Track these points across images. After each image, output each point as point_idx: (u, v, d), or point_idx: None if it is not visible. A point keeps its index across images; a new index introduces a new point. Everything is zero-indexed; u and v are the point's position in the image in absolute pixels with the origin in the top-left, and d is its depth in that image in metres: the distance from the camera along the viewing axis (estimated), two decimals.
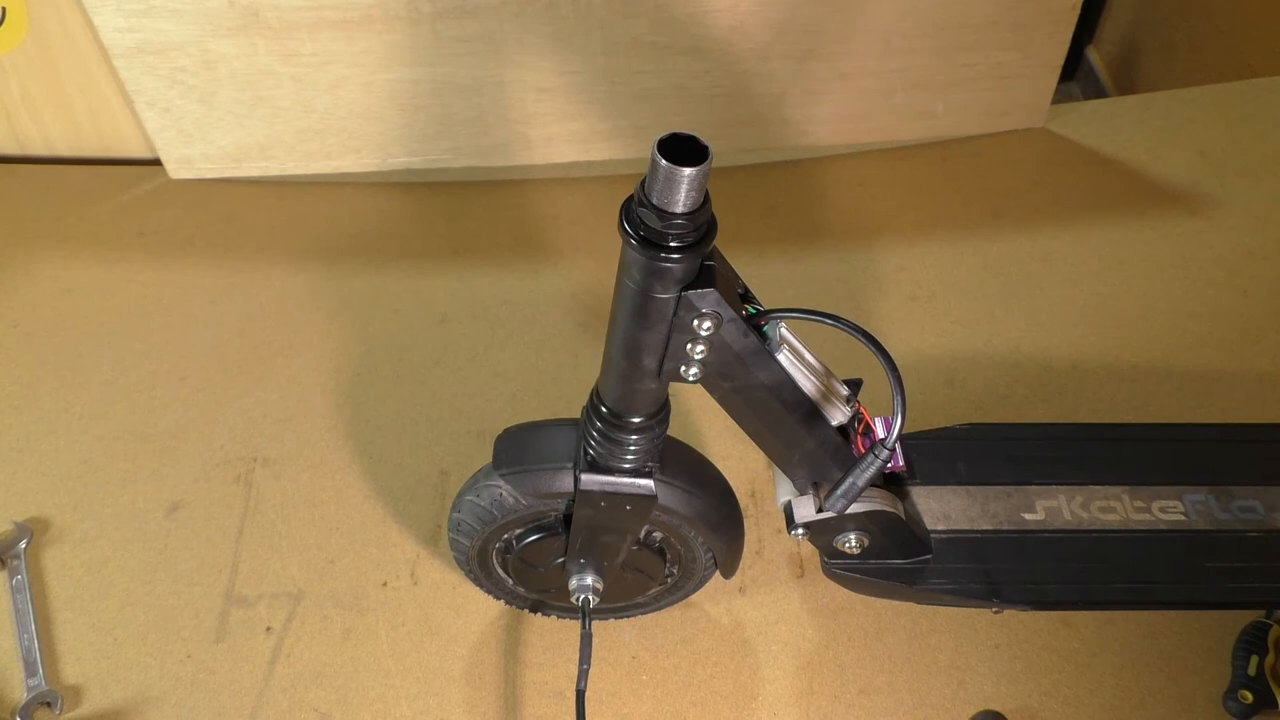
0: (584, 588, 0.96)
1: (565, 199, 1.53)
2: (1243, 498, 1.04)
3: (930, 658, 1.06)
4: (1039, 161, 1.57)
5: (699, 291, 0.71)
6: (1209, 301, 1.38)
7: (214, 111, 1.45)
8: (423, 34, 1.37)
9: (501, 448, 0.90)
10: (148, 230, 1.48)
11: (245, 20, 1.34)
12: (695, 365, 0.77)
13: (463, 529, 0.95)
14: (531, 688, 1.05)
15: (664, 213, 0.66)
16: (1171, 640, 1.07)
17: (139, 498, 1.19)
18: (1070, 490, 1.05)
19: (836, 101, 1.52)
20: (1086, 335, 1.34)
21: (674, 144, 0.65)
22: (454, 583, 1.12)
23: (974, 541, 1.01)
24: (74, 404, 1.28)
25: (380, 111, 1.46)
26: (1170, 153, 1.57)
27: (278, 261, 1.44)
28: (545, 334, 1.36)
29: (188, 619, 1.10)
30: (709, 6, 1.38)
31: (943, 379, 1.30)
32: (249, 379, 1.31)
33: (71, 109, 1.51)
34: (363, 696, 1.04)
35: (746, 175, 1.55)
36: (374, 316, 1.38)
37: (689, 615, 1.10)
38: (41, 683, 1.04)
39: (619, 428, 0.81)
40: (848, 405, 0.87)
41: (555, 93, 1.46)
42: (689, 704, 1.04)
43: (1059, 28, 1.47)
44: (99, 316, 1.37)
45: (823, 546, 0.99)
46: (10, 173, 1.55)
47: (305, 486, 1.20)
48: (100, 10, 1.34)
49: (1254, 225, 1.47)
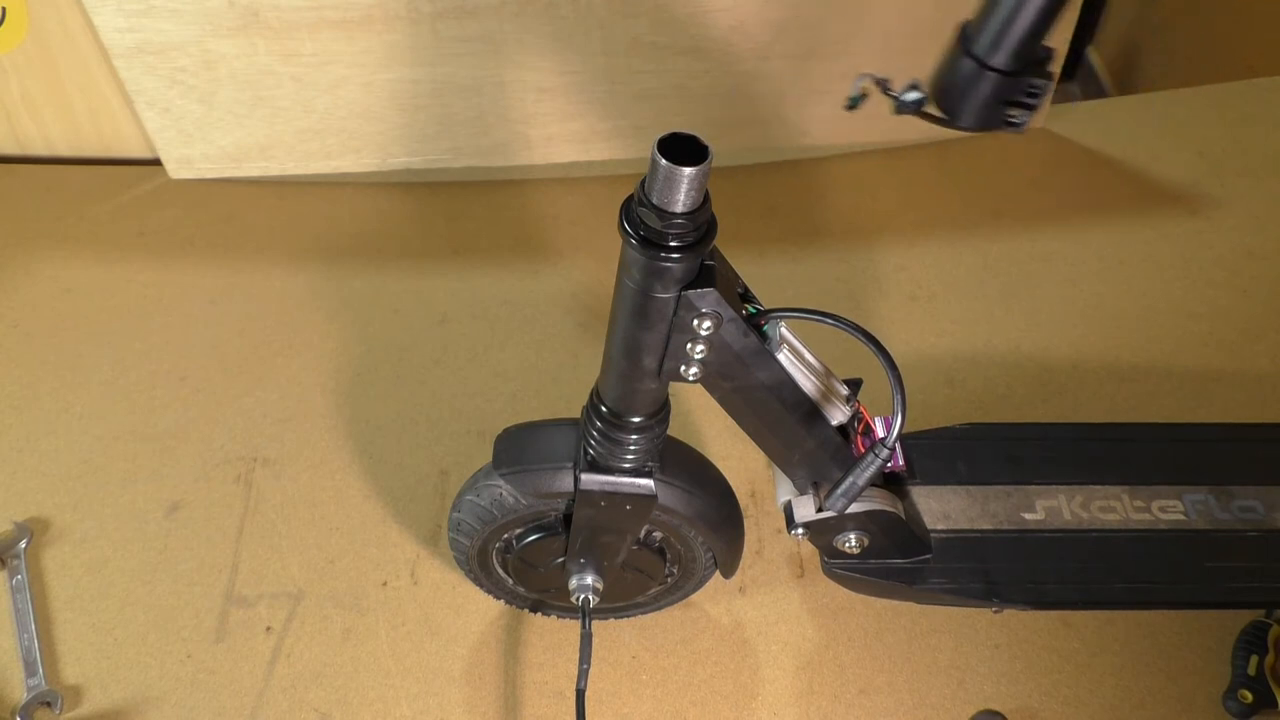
0: (584, 587, 0.96)
1: (565, 199, 1.53)
2: (1243, 498, 1.04)
3: (930, 658, 1.06)
4: (1039, 161, 1.57)
5: (699, 291, 0.71)
6: (1209, 301, 1.38)
7: (214, 111, 1.45)
8: (423, 34, 1.37)
9: (501, 447, 0.90)
10: (148, 230, 1.48)
11: (245, 20, 1.34)
12: (695, 365, 0.77)
13: (463, 529, 0.95)
14: (531, 688, 1.05)
15: (664, 212, 0.66)
16: (1171, 640, 1.07)
17: (139, 498, 1.19)
18: (1070, 490, 1.05)
19: (836, 101, 1.52)
20: (1086, 335, 1.34)
21: (674, 144, 0.65)
22: (454, 583, 1.12)
23: (974, 541, 1.01)
24: (74, 404, 1.28)
25: (380, 111, 1.46)
26: (1170, 153, 1.57)
27: (278, 261, 1.44)
28: (545, 334, 1.36)
29: (188, 619, 1.10)
30: (709, 6, 1.38)
31: (943, 379, 1.30)
32: (249, 379, 1.31)
33: (71, 109, 1.51)
34: (363, 696, 1.04)
35: (746, 175, 1.55)
36: (374, 316, 1.38)
37: (689, 615, 1.10)
38: (41, 683, 1.04)
39: (619, 427, 0.81)
40: (848, 405, 0.87)
41: (555, 93, 1.46)
42: (689, 704, 1.04)
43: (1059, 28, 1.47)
44: (99, 316, 1.37)
45: (823, 546, 0.99)
46: (10, 173, 1.55)
47: (305, 486, 1.20)
48: (100, 10, 1.33)
49: (1254, 225, 1.47)
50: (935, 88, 0.73)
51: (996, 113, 0.71)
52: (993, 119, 0.72)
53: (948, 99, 0.72)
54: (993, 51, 0.69)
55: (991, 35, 0.69)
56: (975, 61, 0.70)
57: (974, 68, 0.70)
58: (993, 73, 0.69)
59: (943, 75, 0.72)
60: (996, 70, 0.69)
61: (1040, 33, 0.69)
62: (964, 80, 0.71)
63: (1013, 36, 0.68)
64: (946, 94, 0.72)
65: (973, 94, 0.71)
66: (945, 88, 0.72)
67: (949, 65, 0.72)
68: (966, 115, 0.72)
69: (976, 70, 0.70)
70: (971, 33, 0.70)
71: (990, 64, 0.69)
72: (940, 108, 0.73)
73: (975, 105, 0.71)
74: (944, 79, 0.72)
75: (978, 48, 0.69)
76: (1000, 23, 0.68)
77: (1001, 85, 0.70)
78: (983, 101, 0.71)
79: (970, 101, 0.71)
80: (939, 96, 0.73)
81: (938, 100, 0.73)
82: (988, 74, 0.69)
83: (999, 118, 0.72)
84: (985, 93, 0.70)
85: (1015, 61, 0.69)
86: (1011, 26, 0.68)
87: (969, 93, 0.71)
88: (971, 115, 0.72)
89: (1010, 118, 0.72)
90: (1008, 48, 0.69)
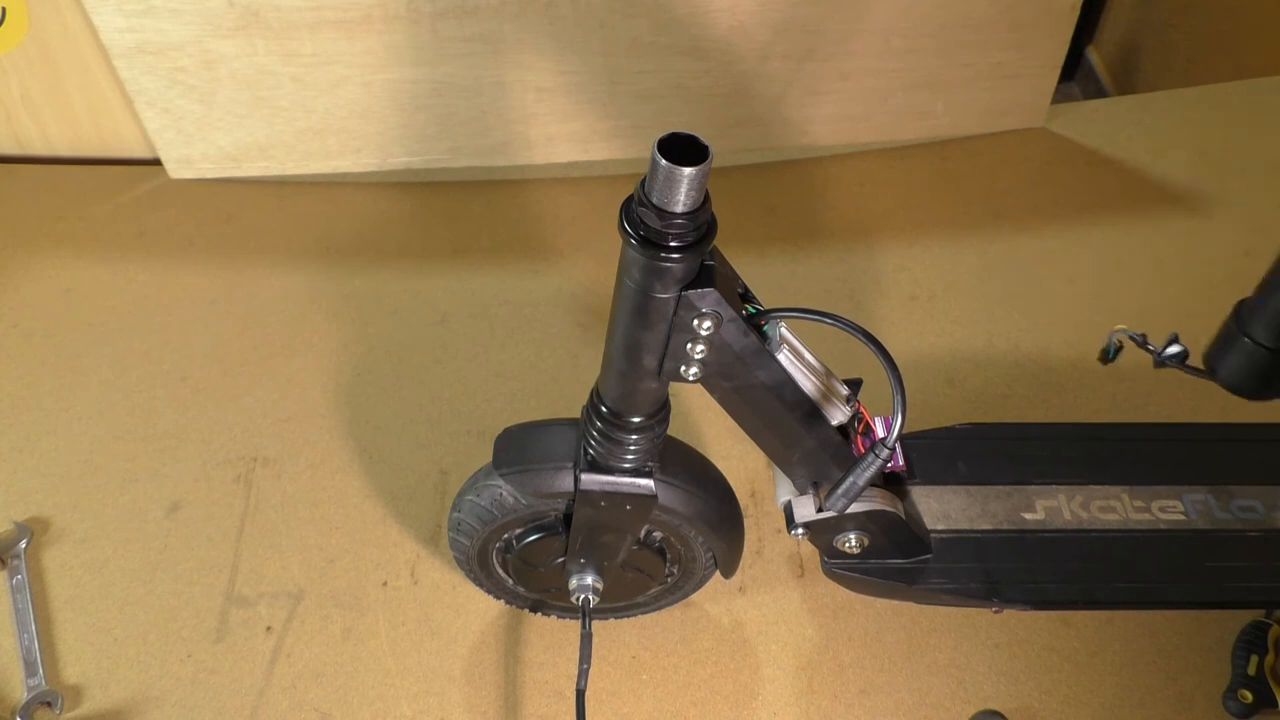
0: (584, 587, 0.96)
1: (565, 199, 1.53)
2: (1242, 497, 1.04)
3: (930, 658, 1.07)
4: (1039, 161, 1.57)
5: (699, 291, 0.71)
6: (1209, 301, 1.37)
7: (214, 111, 1.45)
8: (423, 34, 1.37)
9: (501, 447, 0.90)
10: (147, 230, 1.48)
11: (245, 20, 1.34)
12: (695, 365, 0.77)
13: (463, 529, 0.95)
14: (531, 687, 1.05)
15: (664, 212, 0.66)
16: (1171, 640, 1.07)
17: (139, 498, 1.19)
18: (1070, 490, 1.05)
19: (836, 101, 1.52)
20: (1086, 335, 1.34)
21: (674, 144, 0.65)
22: (454, 583, 1.12)
23: (974, 541, 1.01)
24: (74, 404, 1.28)
25: (380, 111, 1.46)
26: (1170, 153, 1.57)
27: (278, 261, 1.44)
28: (545, 334, 1.36)
29: (188, 619, 1.10)
30: (709, 6, 1.38)
31: (943, 379, 1.30)
32: (249, 379, 1.31)
33: (71, 109, 1.51)
34: (363, 696, 1.04)
35: (746, 175, 1.55)
36: (374, 316, 1.38)
37: (689, 615, 1.10)
38: (42, 682, 1.04)
39: (619, 427, 0.81)
40: (848, 405, 0.87)
41: (555, 93, 1.46)
42: (689, 704, 1.04)
43: (1059, 27, 1.47)
44: (99, 316, 1.37)
45: (823, 546, 0.99)
46: (10, 173, 1.55)
47: (305, 486, 1.20)
48: (100, 10, 1.34)
49: (1254, 225, 1.47)
50: (1214, 361, 0.86)
51: (1272, 387, 0.85)
52: (1265, 392, 0.85)
53: (1229, 374, 0.86)
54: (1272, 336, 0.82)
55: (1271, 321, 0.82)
56: (1253, 343, 0.83)
57: (1252, 347, 0.83)
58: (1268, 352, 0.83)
59: (1220, 352, 0.86)
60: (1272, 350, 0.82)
61: None
62: (1243, 357, 0.85)
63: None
64: (1227, 369, 0.86)
65: (1250, 369, 0.84)
66: (1226, 365, 0.86)
67: (1226, 343, 0.85)
68: (1242, 386, 0.85)
69: (1255, 349, 0.83)
70: (1246, 315, 0.83)
71: (1268, 346, 0.82)
72: (1218, 379, 0.86)
73: (1251, 378, 0.85)
74: (1222, 356, 0.86)
75: (1254, 331, 0.82)
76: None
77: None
78: (1259, 375, 0.84)
79: (1247, 375, 0.85)
80: (1216, 369, 0.86)
81: (1212, 369, 0.86)
82: (1263, 352, 0.82)
83: (1273, 391, 0.85)
84: (1263, 369, 0.83)
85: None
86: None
87: (1247, 369, 0.84)
88: (1249, 389, 0.85)
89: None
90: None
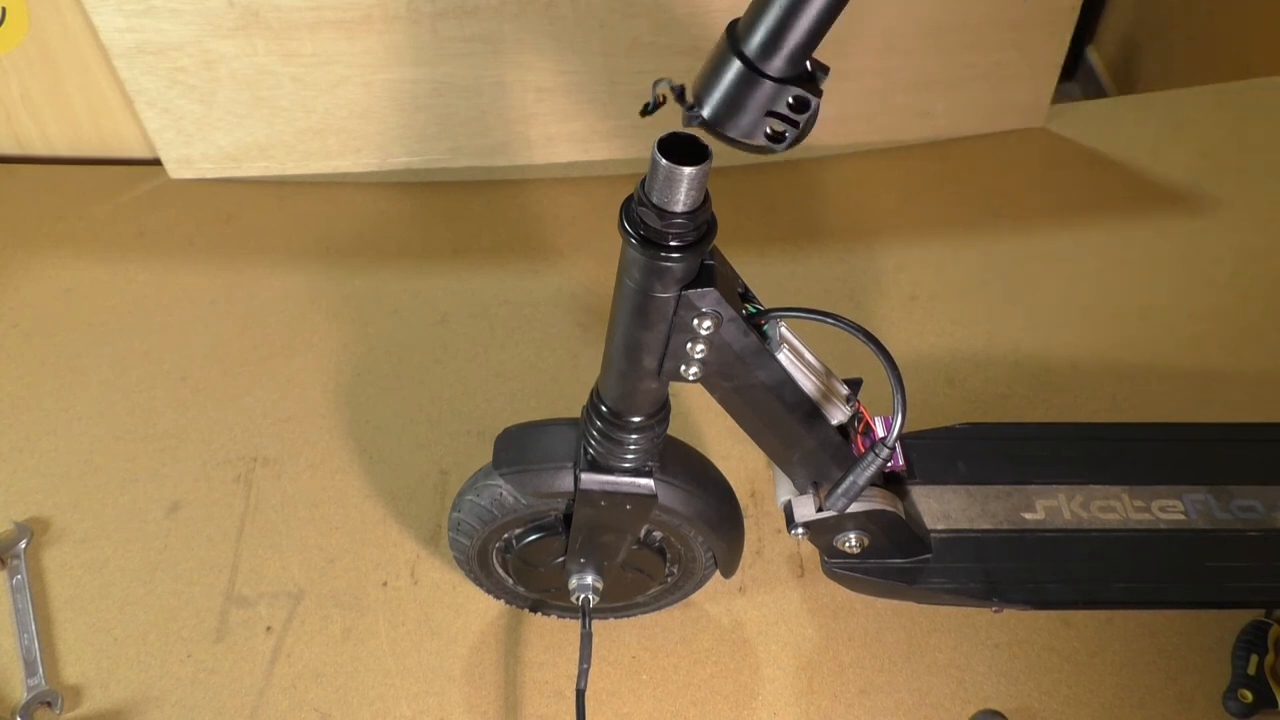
0: (584, 587, 0.96)
1: (565, 199, 1.53)
2: (1242, 497, 1.04)
3: (930, 658, 1.06)
4: (1039, 161, 1.57)
5: (699, 291, 0.71)
6: (1209, 301, 1.38)
7: (214, 111, 1.45)
8: (423, 34, 1.37)
9: (501, 447, 0.90)
10: (147, 230, 1.48)
11: (245, 20, 1.34)
12: (695, 365, 0.77)
13: (463, 529, 0.95)
14: (531, 687, 1.05)
15: (664, 212, 0.66)
16: (1171, 640, 1.07)
17: (139, 498, 1.19)
18: (1070, 490, 1.05)
19: (836, 101, 1.52)
20: (1086, 335, 1.34)
21: (674, 143, 0.65)
22: (454, 583, 1.12)
23: (974, 541, 1.01)
24: (74, 404, 1.28)
25: (380, 111, 1.46)
26: (1170, 153, 1.57)
27: (278, 261, 1.44)
28: (545, 334, 1.36)
29: (188, 619, 1.10)
30: (709, 6, 1.38)
31: (943, 379, 1.30)
32: (249, 379, 1.31)
33: (71, 109, 1.51)
34: (363, 696, 1.04)
35: (746, 175, 1.55)
36: (374, 316, 1.38)
37: (689, 615, 1.10)
38: (41, 682, 1.04)
39: (619, 427, 0.81)
40: (848, 405, 0.87)
41: (555, 93, 1.46)
42: (689, 704, 1.04)
43: (1059, 27, 1.47)
44: (99, 316, 1.37)
45: (823, 546, 0.99)
46: (10, 173, 1.55)
47: (305, 486, 1.20)
48: (100, 10, 1.33)
49: (1254, 225, 1.47)
50: (703, 90, 0.65)
51: (760, 124, 0.65)
52: (756, 130, 0.65)
53: (718, 104, 0.65)
54: (765, 56, 0.63)
55: (765, 36, 0.62)
56: (746, 64, 0.63)
57: (744, 71, 0.63)
58: (764, 78, 0.63)
59: (710, 76, 0.65)
60: (768, 76, 0.63)
61: (816, 38, 0.63)
62: (734, 83, 0.64)
63: (789, 40, 0.62)
64: (715, 98, 0.65)
65: (743, 99, 0.64)
66: (714, 92, 0.65)
67: (717, 66, 0.64)
68: (733, 123, 0.65)
69: (747, 74, 0.63)
70: (742, 32, 0.63)
71: (762, 69, 0.63)
72: (707, 114, 0.65)
73: (744, 111, 0.64)
74: (711, 80, 0.65)
75: (749, 49, 0.63)
76: (775, 23, 0.62)
77: (771, 93, 0.64)
78: (752, 107, 0.64)
79: (739, 107, 0.64)
80: (706, 100, 0.65)
81: (699, 100, 0.65)
82: (758, 79, 0.63)
83: (761, 129, 0.65)
84: (758, 99, 0.64)
85: (788, 69, 0.63)
86: (787, 29, 0.61)
87: (739, 99, 0.64)
88: (739, 125, 0.65)
89: (771, 131, 0.65)
90: (783, 52, 0.62)
